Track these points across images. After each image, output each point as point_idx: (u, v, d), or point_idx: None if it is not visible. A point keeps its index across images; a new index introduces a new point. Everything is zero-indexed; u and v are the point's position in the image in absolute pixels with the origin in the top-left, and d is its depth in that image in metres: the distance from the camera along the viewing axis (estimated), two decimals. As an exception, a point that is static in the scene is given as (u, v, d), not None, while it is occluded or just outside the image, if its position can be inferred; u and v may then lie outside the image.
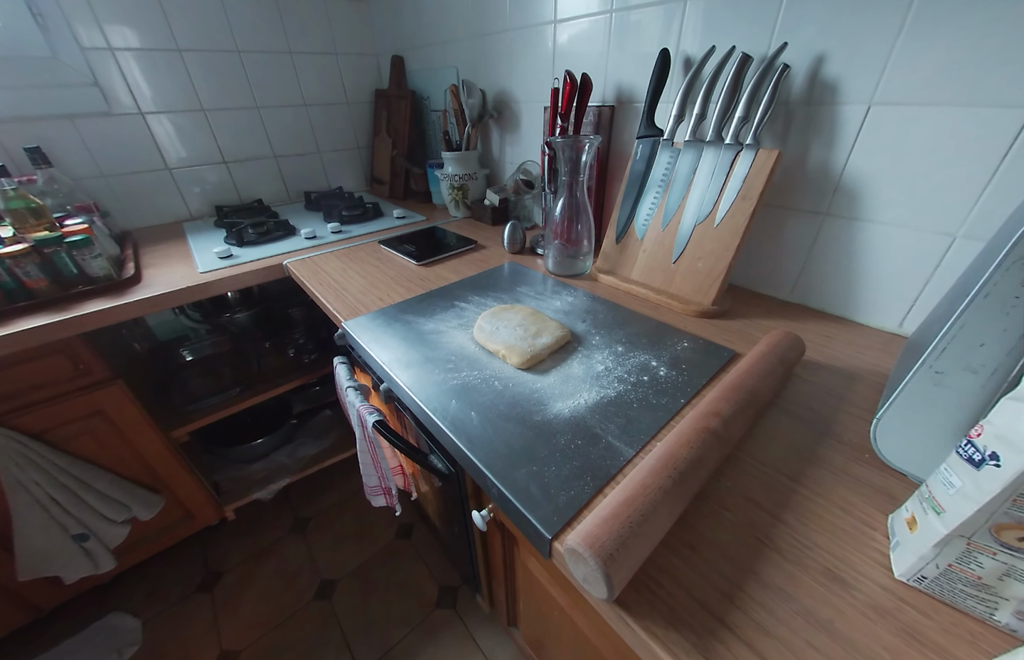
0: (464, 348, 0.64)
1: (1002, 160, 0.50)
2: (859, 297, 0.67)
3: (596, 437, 0.47)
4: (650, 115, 0.78)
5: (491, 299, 0.78)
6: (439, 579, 1.19)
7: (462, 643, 1.06)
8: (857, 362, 0.59)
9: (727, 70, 0.66)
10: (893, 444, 0.43)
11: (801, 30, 0.61)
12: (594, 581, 0.33)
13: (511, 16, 1.04)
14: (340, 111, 1.56)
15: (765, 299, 0.77)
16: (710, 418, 0.43)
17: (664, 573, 0.35)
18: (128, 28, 1.12)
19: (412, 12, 1.35)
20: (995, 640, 0.30)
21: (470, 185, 1.27)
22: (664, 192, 0.77)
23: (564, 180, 0.81)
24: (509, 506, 0.42)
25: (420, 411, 0.55)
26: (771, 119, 0.64)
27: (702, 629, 0.31)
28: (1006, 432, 0.27)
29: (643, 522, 0.33)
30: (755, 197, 0.65)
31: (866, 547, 0.36)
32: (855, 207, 0.63)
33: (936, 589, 0.32)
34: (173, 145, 1.27)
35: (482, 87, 1.20)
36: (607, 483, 0.42)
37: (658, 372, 0.57)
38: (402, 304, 0.78)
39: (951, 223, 0.56)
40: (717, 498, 0.41)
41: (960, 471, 0.29)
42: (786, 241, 0.72)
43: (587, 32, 0.89)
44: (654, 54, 0.75)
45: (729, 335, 0.66)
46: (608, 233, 0.86)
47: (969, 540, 0.29)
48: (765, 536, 0.37)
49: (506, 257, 1.00)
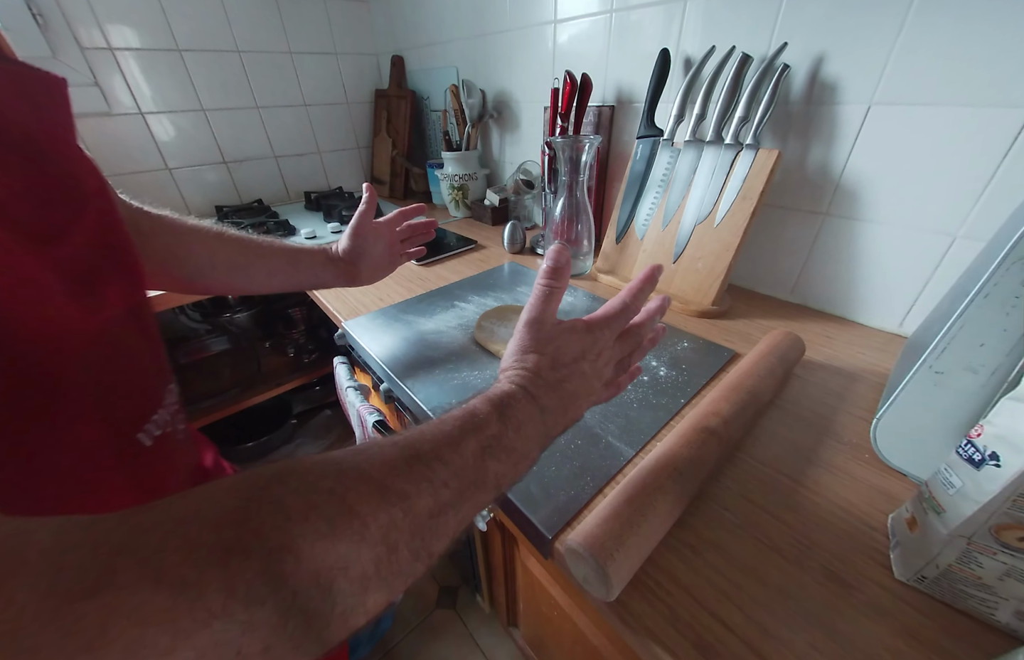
0: (464, 348, 0.64)
1: (1002, 160, 0.50)
2: (859, 297, 0.67)
3: (596, 437, 0.47)
4: (650, 115, 0.78)
5: (491, 299, 0.78)
6: (439, 579, 1.19)
7: (462, 643, 1.06)
8: (857, 362, 0.59)
9: (727, 70, 0.66)
10: (893, 444, 0.43)
11: (801, 30, 0.61)
12: (594, 581, 0.33)
13: (511, 16, 1.04)
14: (340, 111, 1.56)
15: (765, 299, 0.77)
16: (710, 418, 0.43)
17: (664, 573, 0.35)
18: (128, 28, 1.12)
19: (412, 12, 1.35)
20: (995, 640, 0.30)
21: (470, 185, 1.27)
22: (664, 192, 0.77)
23: (564, 180, 0.81)
24: (509, 506, 0.42)
25: (420, 411, 0.55)
26: (771, 119, 0.64)
27: (702, 629, 0.31)
28: (1006, 432, 0.27)
29: (643, 522, 0.33)
30: (755, 197, 0.65)
31: (866, 547, 0.36)
32: (855, 207, 0.63)
33: (936, 589, 0.32)
34: (173, 145, 1.27)
35: (482, 87, 1.20)
36: (607, 483, 0.42)
37: (658, 372, 0.57)
38: (402, 304, 0.78)
39: (951, 223, 0.56)
40: (717, 498, 0.41)
41: (960, 471, 0.29)
42: (786, 241, 0.72)
43: (587, 32, 0.89)
44: (654, 54, 0.75)
45: (729, 335, 0.66)
46: (608, 233, 0.86)
47: (969, 540, 0.29)
48: (765, 536, 0.37)
49: (506, 257, 1.00)
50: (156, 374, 0.37)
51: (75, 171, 0.32)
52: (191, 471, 0.45)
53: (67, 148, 0.31)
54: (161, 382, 0.38)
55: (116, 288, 0.33)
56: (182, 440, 0.41)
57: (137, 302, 0.36)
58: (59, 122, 0.31)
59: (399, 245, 0.66)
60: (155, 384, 0.37)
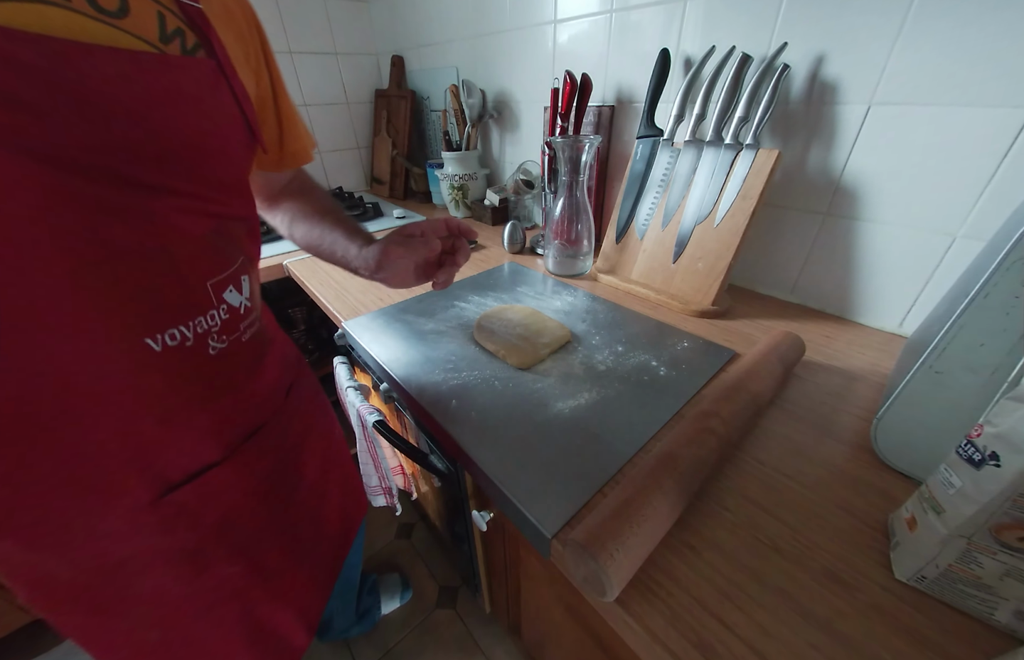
0: (464, 348, 0.64)
1: (1002, 160, 0.50)
2: (859, 297, 0.67)
3: (596, 437, 0.47)
4: (650, 115, 0.78)
5: (491, 299, 0.78)
6: (439, 579, 1.19)
7: (462, 643, 1.06)
8: (857, 362, 0.59)
9: (727, 70, 0.66)
10: (893, 444, 0.43)
11: (801, 30, 0.61)
12: (594, 581, 0.33)
13: (511, 16, 1.04)
14: (340, 111, 1.56)
15: (765, 299, 0.77)
16: (710, 418, 0.43)
17: (664, 573, 0.35)
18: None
19: (412, 12, 1.35)
20: (995, 640, 0.30)
21: (470, 185, 1.27)
22: (664, 192, 0.77)
23: (564, 180, 0.81)
24: (509, 506, 0.42)
25: (420, 411, 0.55)
26: (771, 119, 0.64)
27: (702, 629, 0.31)
28: (1006, 432, 0.27)
29: (643, 522, 0.33)
30: (755, 197, 0.65)
31: (866, 547, 0.36)
32: (855, 207, 0.63)
33: (936, 589, 0.32)
34: (173, 145, 1.27)
35: (482, 87, 1.20)
36: (607, 483, 0.42)
37: (658, 372, 0.57)
38: (402, 304, 0.78)
39: (951, 223, 0.56)
40: (717, 498, 0.41)
41: (960, 471, 0.29)
42: (786, 241, 0.72)
43: (587, 32, 0.89)
44: (654, 54, 0.75)
45: (729, 335, 0.66)
46: (608, 233, 0.86)
47: (969, 540, 0.29)
48: (765, 536, 0.37)
49: (506, 257, 1.00)
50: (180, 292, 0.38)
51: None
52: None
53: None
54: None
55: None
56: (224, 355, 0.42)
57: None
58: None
59: (431, 267, 0.55)
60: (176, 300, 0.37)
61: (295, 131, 0.54)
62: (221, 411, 0.43)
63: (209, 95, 0.36)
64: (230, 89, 0.38)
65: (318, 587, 0.63)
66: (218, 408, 0.43)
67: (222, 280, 0.41)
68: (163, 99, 0.32)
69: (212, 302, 0.40)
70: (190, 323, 0.38)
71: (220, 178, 0.39)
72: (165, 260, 0.35)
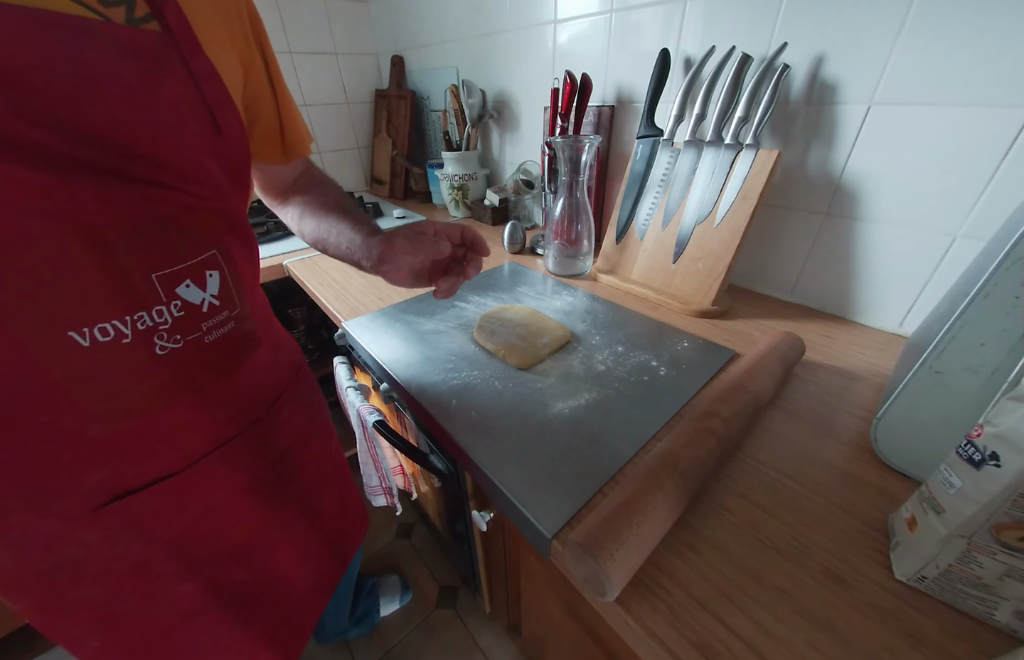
0: (464, 348, 0.64)
1: (1002, 160, 0.50)
2: (859, 297, 0.67)
3: (596, 437, 0.47)
4: (650, 115, 0.78)
5: (491, 299, 0.78)
6: (439, 579, 1.19)
7: (462, 643, 1.06)
8: (857, 362, 0.59)
9: (727, 70, 0.66)
10: (893, 444, 0.43)
11: (801, 30, 0.61)
12: (594, 581, 0.33)
13: (511, 16, 1.04)
14: (340, 111, 1.56)
15: (765, 299, 0.77)
16: (710, 418, 0.43)
17: (664, 573, 0.35)
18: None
19: (412, 12, 1.35)
20: (995, 640, 0.30)
21: (470, 185, 1.27)
22: (664, 192, 0.77)
23: (564, 180, 0.81)
24: (509, 506, 0.42)
25: (420, 411, 0.55)
26: (771, 119, 0.64)
27: (702, 629, 0.31)
28: (1006, 432, 0.27)
29: (643, 522, 0.33)
30: (755, 197, 0.65)
31: (866, 547, 0.36)
32: (855, 207, 0.63)
33: (936, 589, 0.32)
34: (173, 145, 1.27)
35: (482, 87, 1.20)
36: (607, 483, 0.42)
37: (658, 372, 0.57)
38: (402, 304, 0.78)
39: (951, 223, 0.56)
40: (717, 498, 0.41)
41: (960, 471, 0.29)
42: (786, 241, 0.72)
43: (587, 32, 0.89)
44: (654, 54, 0.75)
45: (729, 335, 0.66)
46: (608, 233, 0.86)
47: (969, 540, 0.29)
48: (765, 536, 0.37)
49: (506, 257, 1.00)
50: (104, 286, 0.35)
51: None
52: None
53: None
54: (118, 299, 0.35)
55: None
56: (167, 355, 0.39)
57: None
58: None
59: (436, 272, 0.53)
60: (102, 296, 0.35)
61: (294, 122, 0.53)
62: (176, 416, 0.40)
63: (149, 74, 0.32)
64: (186, 69, 0.34)
65: (299, 614, 0.60)
66: (173, 413, 0.40)
67: (173, 274, 0.37)
68: (86, 73, 0.29)
69: (159, 297, 0.36)
70: (127, 318, 0.34)
71: (166, 163, 0.35)
72: (95, 248, 0.32)
